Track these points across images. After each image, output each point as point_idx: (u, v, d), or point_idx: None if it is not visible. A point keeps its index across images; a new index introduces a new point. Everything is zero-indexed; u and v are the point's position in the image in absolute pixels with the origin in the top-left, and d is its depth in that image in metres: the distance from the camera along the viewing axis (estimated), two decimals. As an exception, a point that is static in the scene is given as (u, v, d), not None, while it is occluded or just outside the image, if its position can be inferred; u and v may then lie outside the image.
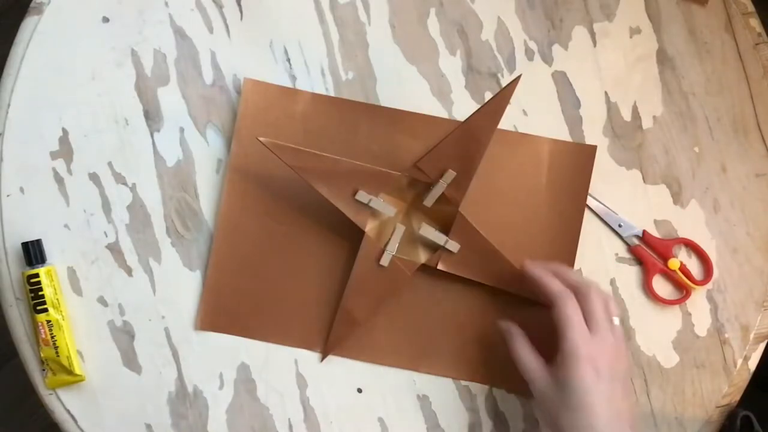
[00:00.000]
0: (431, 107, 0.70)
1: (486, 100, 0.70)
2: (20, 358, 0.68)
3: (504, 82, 0.70)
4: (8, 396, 1.27)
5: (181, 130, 0.70)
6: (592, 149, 0.69)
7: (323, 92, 0.70)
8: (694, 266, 0.70)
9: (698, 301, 0.69)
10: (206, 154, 0.70)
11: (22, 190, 0.69)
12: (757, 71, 0.71)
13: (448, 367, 0.68)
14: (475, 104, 0.70)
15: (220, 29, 0.71)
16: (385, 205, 0.65)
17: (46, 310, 0.66)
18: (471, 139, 0.64)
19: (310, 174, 0.63)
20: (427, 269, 0.66)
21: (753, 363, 0.69)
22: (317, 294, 0.68)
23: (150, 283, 0.69)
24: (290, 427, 0.68)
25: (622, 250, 0.70)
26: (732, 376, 0.69)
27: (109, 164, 0.69)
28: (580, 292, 0.60)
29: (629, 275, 0.70)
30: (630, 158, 0.70)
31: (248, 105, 0.69)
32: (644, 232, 0.69)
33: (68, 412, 0.68)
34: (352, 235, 0.66)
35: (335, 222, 0.67)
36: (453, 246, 0.65)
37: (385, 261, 0.65)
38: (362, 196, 0.64)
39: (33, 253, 0.67)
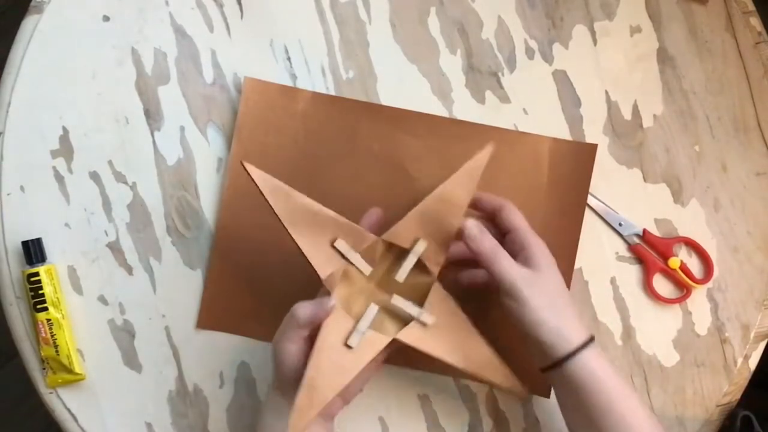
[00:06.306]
0: (432, 106, 0.70)
1: (486, 99, 0.70)
2: (20, 357, 0.68)
3: (504, 81, 0.70)
4: (8, 395, 1.27)
5: (182, 128, 0.70)
6: (593, 148, 0.69)
7: (324, 91, 0.70)
8: (694, 265, 0.70)
9: (698, 300, 0.69)
10: (207, 153, 0.70)
11: (22, 188, 0.69)
12: (757, 70, 0.71)
13: (449, 366, 0.68)
14: (475, 103, 0.70)
15: (221, 28, 0.71)
16: (362, 261, 0.60)
17: (46, 308, 0.66)
18: (445, 207, 0.60)
19: (291, 215, 0.58)
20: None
21: (753, 362, 0.69)
22: (317, 293, 0.68)
23: (150, 282, 0.69)
24: (290, 425, 0.68)
25: (622, 249, 0.70)
26: (732, 375, 0.69)
27: (110, 163, 0.69)
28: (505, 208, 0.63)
29: (629, 274, 0.70)
30: (630, 157, 0.70)
31: (249, 104, 0.69)
32: (645, 230, 0.69)
33: (68, 410, 0.68)
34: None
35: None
36: (428, 318, 0.60)
37: (354, 341, 0.58)
38: (341, 244, 0.59)
39: (33, 251, 0.67)
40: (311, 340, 0.58)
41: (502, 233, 0.63)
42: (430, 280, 0.61)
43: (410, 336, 0.60)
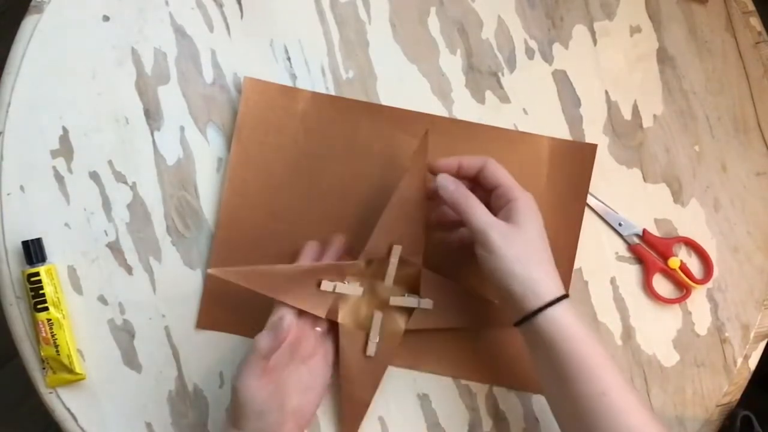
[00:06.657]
0: (432, 106, 0.70)
1: (486, 99, 0.70)
2: (20, 357, 0.68)
3: (504, 81, 0.71)
4: (9, 395, 1.27)
5: (182, 128, 0.70)
6: (593, 148, 0.69)
7: (324, 91, 0.70)
8: (694, 265, 0.70)
9: (698, 300, 0.69)
10: (207, 153, 0.70)
11: (22, 188, 0.69)
12: (757, 70, 0.71)
13: (449, 366, 0.68)
14: (475, 103, 0.70)
15: (221, 28, 0.71)
16: (351, 287, 0.64)
17: (46, 308, 0.66)
18: (407, 206, 0.62)
19: (272, 287, 0.61)
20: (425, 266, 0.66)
21: (753, 362, 0.69)
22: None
23: (150, 282, 0.69)
24: (290, 425, 0.68)
25: (622, 249, 0.70)
26: (732, 375, 0.69)
27: (110, 163, 0.69)
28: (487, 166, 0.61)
29: (629, 274, 0.70)
30: (630, 157, 0.70)
31: (249, 104, 0.69)
32: (644, 230, 0.69)
33: (68, 410, 0.68)
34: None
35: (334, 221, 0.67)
36: (427, 304, 0.64)
37: (371, 351, 0.64)
38: (326, 285, 0.62)
39: (33, 251, 0.67)
40: (269, 371, 0.60)
41: (489, 191, 0.61)
42: (416, 268, 0.64)
43: (418, 323, 0.65)
